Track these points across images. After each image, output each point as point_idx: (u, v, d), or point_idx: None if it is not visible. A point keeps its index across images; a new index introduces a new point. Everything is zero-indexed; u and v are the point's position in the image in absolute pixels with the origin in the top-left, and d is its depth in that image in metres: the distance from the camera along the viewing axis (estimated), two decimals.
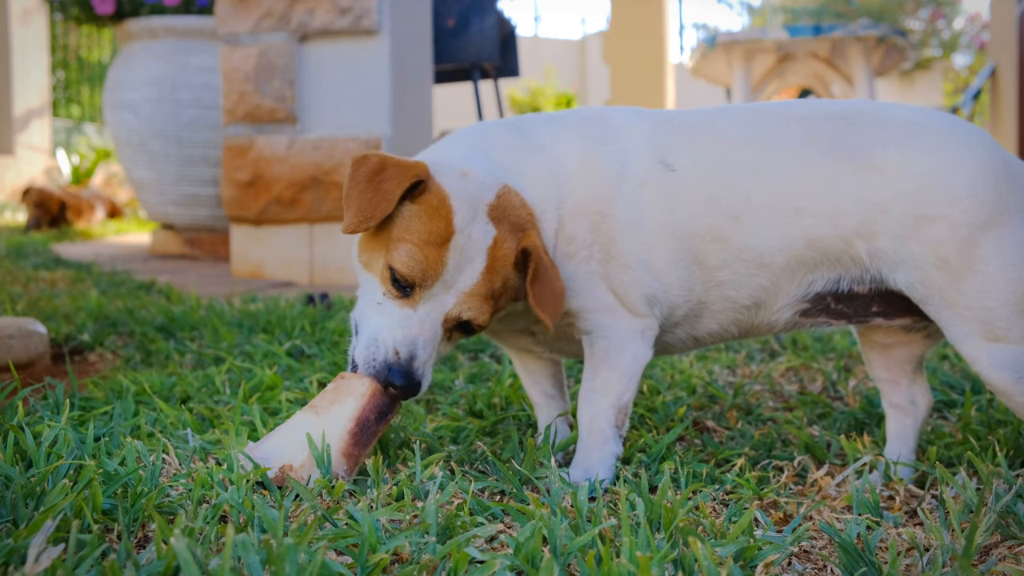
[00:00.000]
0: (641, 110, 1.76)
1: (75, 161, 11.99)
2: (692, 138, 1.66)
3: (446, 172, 1.56)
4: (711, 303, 1.68)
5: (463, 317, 1.54)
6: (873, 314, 1.65)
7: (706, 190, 1.62)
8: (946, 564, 1.25)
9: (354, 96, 4.70)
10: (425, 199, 1.53)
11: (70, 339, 2.84)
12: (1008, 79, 8.59)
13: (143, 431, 1.79)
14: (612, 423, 1.65)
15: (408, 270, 1.50)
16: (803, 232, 1.58)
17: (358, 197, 1.51)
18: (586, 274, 1.65)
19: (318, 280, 4.81)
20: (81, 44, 14.37)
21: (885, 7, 14.20)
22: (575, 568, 1.22)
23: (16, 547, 1.12)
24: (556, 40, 19.46)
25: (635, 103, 10.55)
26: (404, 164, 1.54)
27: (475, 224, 1.53)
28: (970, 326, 1.51)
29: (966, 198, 1.49)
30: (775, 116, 1.66)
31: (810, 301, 1.65)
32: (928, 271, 1.51)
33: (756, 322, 1.70)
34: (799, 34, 7.15)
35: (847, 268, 1.59)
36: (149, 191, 6.01)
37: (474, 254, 1.53)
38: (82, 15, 5.95)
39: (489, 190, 1.56)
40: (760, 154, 1.62)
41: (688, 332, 1.74)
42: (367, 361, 1.53)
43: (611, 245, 1.63)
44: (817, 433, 1.94)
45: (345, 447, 1.52)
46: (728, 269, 1.63)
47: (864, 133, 1.58)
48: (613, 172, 1.64)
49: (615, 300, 1.66)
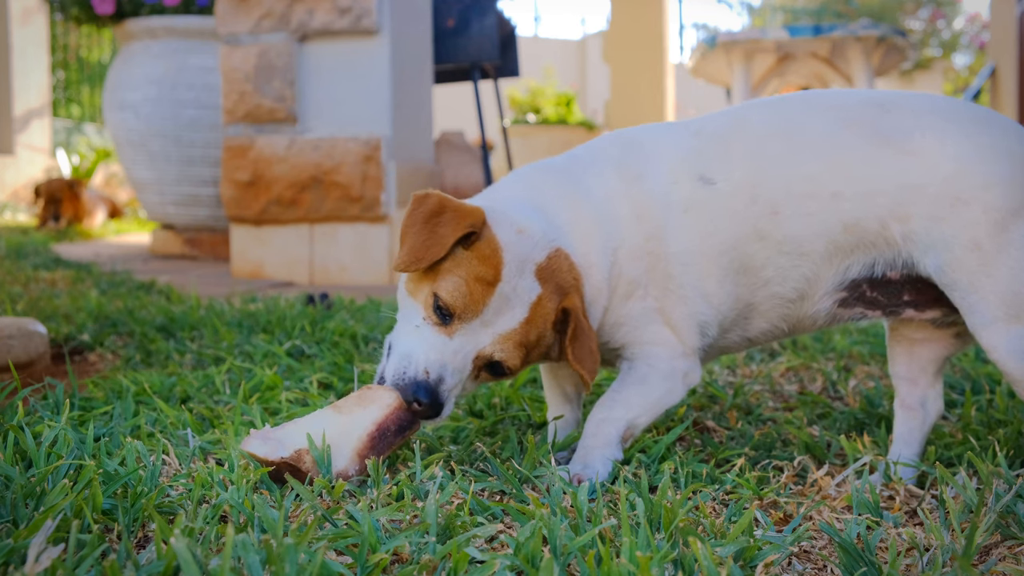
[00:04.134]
0: (670, 126, 1.78)
1: (75, 161, 12.00)
2: (724, 144, 1.69)
3: (502, 224, 1.60)
4: (759, 303, 1.71)
5: (495, 357, 1.59)
6: (905, 304, 1.67)
7: (746, 192, 1.65)
8: (946, 564, 1.25)
9: (354, 96, 4.70)
10: (478, 247, 1.56)
11: (70, 339, 2.84)
12: (1008, 79, 8.59)
13: (143, 431, 1.79)
14: (619, 433, 1.67)
15: (451, 299, 1.54)
16: (841, 216, 1.61)
17: (413, 236, 1.56)
18: (642, 311, 1.70)
19: (318, 280, 4.81)
20: (81, 44, 14.37)
21: (885, 7, 14.19)
22: (575, 568, 1.22)
23: (16, 547, 1.12)
24: (556, 40, 19.47)
25: (635, 103, 10.57)
26: (462, 211, 1.57)
27: (522, 279, 1.58)
28: (994, 311, 1.53)
29: (1001, 183, 1.52)
30: (808, 105, 1.69)
31: (847, 289, 1.67)
32: (959, 253, 1.53)
33: (801, 315, 1.72)
34: (799, 34, 7.15)
35: (881, 252, 1.62)
36: (149, 191, 6.01)
37: (516, 303, 1.57)
38: (82, 15, 5.95)
39: (541, 251, 1.60)
40: (794, 143, 1.64)
41: (740, 334, 1.77)
42: (397, 374, 1.56)
43: (669, 281, 1.68)
44: (817, 433, 1.94)
45: (361, 447, 1.53)
46: (772, 266, 1.66)
47: (901, 119, 1.60)
48: (659, 207, 1.67)
49: (670, 333, 1.70)
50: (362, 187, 4.67)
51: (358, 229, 4.75)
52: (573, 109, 11.04)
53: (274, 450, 1.51)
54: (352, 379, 2.28)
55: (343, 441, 1.53)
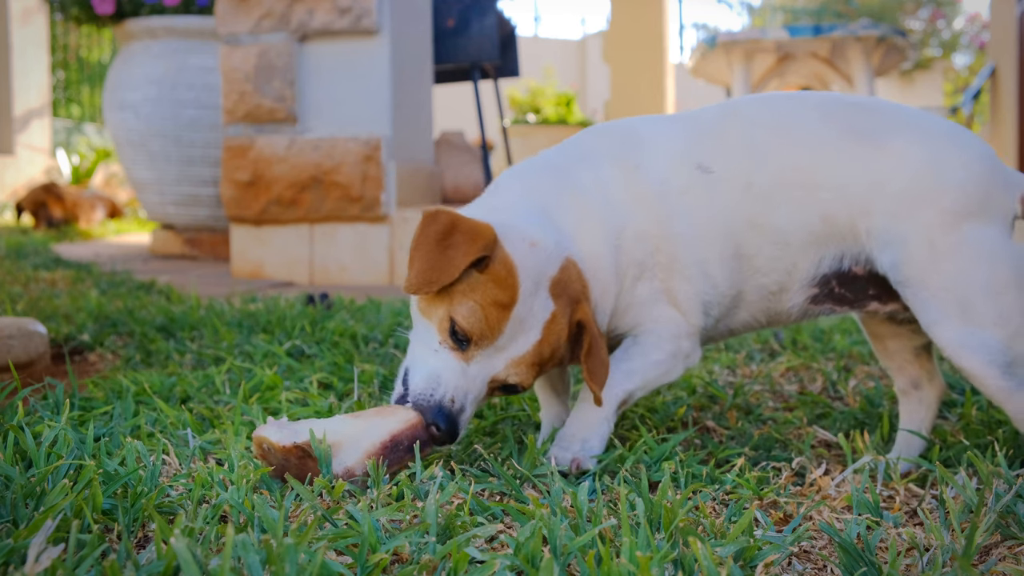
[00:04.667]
0: (663, 117, 1.82)
1: (75, 161, 12.00)
2: (720, 133, 1.73)
3: (514, 240, 1.59)
4: (747, 293, 1.75)
5: (509, 381, 1.60)
6: (870, 297, 1.73)
7: (742, 180, 1.69)
8: (946, 564, 1.25)
9: (354, 96, 4.71)
10: (493, 270, 1.55)
11: (70, 339, 2.84)
12: (1008, 79, 8.59)
13: (143, 431, 1.79)
14: (615, 406, 1.70)
15: (469, 326, 1.54)
16: (819, 208, 1.67)
17: (423, 259, 1.53)
18: (650, 292, 1.72)
19: (318, 280, 4.81)
20: (81, 44, 14.37)
21: (885, 7, 14.19)
22: (575, 568, 1.22)
23: (16, 547, 1.12)
24: (556, 40, 19.46)
25: (635, 103, 10.56)
26: (473, 231, 1.54)
27: (537, 297, 1.57)
28: (945, 308, 1.59)
29: (956, 189, 1.60)
30: (793, 100, 1.75)
31: (818, 285, 1.72)
32: (912, 250, 1.60)
33: (779, 308, 1.77)
34: (799, 34, 7.15)
35: (848, 246, 1.68)
36: (149, 191, 6.01)
37: (531, 325, 1.57)
38: (82, 15, 5.95)
39: (554, 263, 1.60)
40: (784, 135, 1.70)
41: (726, 324, 1.81)
42: (424, 394, 1.56)
43: (674, 262, 1.71)
44: (817, 433, 1.94)
45: (373, 451, 1.53)
46: (762, 255, 1.71)
47: (875, 119, 1.68)
48: (659, 193, 1.70)
49: (675, 312, 1.74)
50: (362, 187, 4.67)
51: (358, 229, 4.75)
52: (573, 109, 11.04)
53: (288, 437, 1.51)
54: (352, 379, 2.28)
55: (356, 442, 1.54)
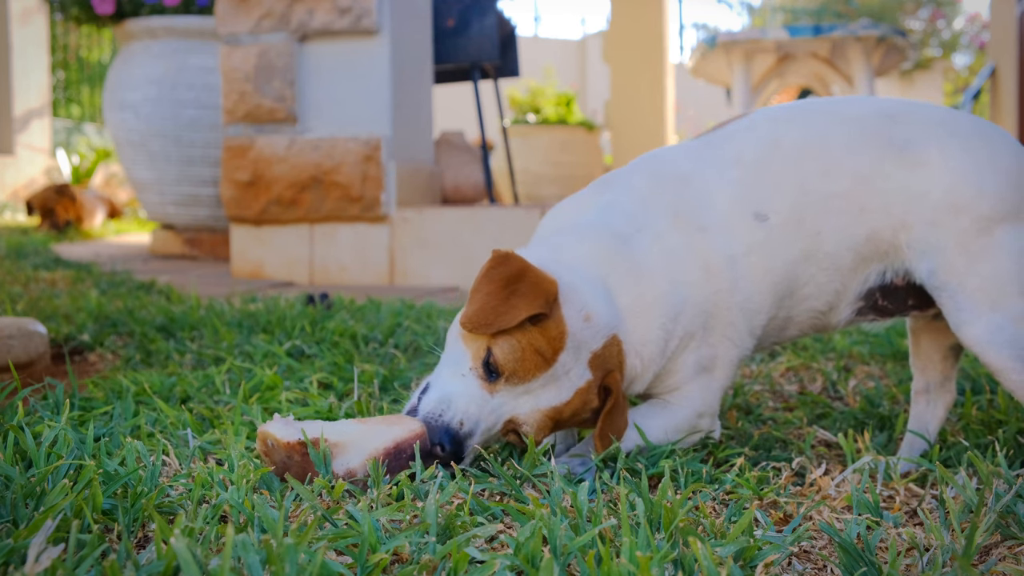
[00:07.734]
0: (704, 152, 1.79)
1: (75, 161, 11.99)
2: (767, 173, 1.73)
3: (572, 305, 1.59)
4: (796, 316, 1.79)
5: (522, 429, 1.60)
6: (909, 307, 1.78)
7: (795, 218, 1.71)
8: (946, 564, 1.25)
9: (354, 96, 4.71)
10: (545, 326, 1.56)
11: (70, 339, 2.84)
12: (1008, 79, 8.59)
13: (143, 431, 1.79)
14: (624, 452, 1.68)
15: (504, 361, 1.55)
16: (864, 228, 1.71)
17: (484, 299, 1.55)
18: (695, 362, 1.73)
19: (318, 280, 4.81)
20: (81, 44, 14.37)
21: (885, 7, 14.19)
22: (575, 568, 1.22)
23: (16, 547, 1.12)
24: (556, 40, 19.46)
25: (635, 103, 10.55)
26: (538, 285, 1.55)
27: (576, 365, 1.59)
28: (978, 308, 1.64)
29: (993, 196, 1.66)
30: (828, 119, 1.76)
31: (864, 298, 1.77)
32: (950, 256, 1.66)
33: (826, 323, 1.82)
34: (799, 34, 7.14)
35: (891, 260, 1.73)
36: (149, 191, 6.01)
37: (564, 386, 1.59)
38: (82, 15, 5.95)
39: (600, 339, 1.61)
40: (825, 161, 1.72)
41: (773, 340, 1.85)
42: (433, 414, 1.57)
43: (728, 328, 1.73)
44: (817, 433, 1.94)
45: (376, 454, 1.53)
46: (812, 283, 1.74)
47: (910, 129, 1.71)
48: (725, 259, 1.71)
49: (713, 383, 1.76)
50: (362, 187, 4.67)
51: (358, 229, 4.75)
52: (573, 109, 11.03)
53: (292, 434, 1.52)
54: (352, 379, 2.28)
55: (360, 444, 1.54)
